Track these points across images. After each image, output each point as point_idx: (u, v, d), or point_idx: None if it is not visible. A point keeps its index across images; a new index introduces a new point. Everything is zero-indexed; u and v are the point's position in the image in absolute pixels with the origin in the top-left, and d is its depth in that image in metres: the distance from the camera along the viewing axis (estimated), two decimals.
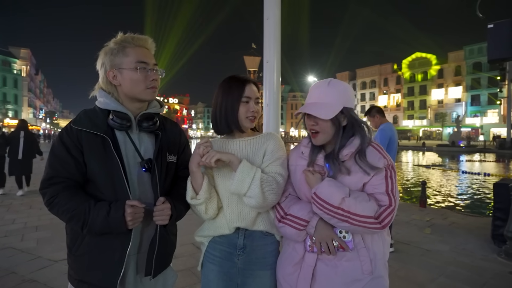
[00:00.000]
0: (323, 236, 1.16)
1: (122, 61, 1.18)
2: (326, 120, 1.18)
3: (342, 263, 1.16)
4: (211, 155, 1.17)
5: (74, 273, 1.20)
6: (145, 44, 1.24)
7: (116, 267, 1.15)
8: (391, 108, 60.95)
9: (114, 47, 1.19)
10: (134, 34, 1.22)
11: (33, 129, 50.47)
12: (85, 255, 1.17)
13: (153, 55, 1.27)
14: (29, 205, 5.90)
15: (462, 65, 50.21)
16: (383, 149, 1.21)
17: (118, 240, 1.15)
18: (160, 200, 1.20)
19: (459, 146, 27.35)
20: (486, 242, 3.96)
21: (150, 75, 1.21)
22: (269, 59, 2.09)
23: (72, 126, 1.17)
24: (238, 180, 1.17)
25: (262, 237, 1.31)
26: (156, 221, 1.20)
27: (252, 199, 1.17)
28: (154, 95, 1.25)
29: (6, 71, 49.89)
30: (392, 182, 1.15)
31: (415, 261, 3.40)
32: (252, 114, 1.31)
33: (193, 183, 1.25)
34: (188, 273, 3.01)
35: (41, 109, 71.11)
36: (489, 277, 3.02)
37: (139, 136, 1.26)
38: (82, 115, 1.20)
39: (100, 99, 1.22)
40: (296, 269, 1.21)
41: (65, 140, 1.15)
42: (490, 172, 12.92)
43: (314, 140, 1.24)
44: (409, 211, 5.65)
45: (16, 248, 3.67)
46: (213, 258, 1.33)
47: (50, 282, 2.81)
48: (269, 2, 2.09)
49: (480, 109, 48.44)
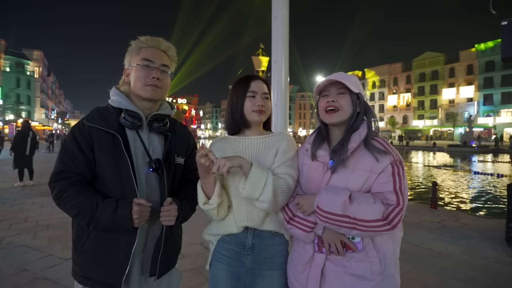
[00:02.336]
0: (332, 237, 1.14)
1: (134, 60, 1.24)
2: (347, 98, 1.19)
3: (351, 263, 1.15)
4: (222, 163, 1.11)
5: (79, 270, 1.21)
6: (158, 45, 1.26)
7: (121, 265, 1.16)
8: (401, 107, 60.18)
9: (133, 47, 1.25)
10: (150, 37, 1.26)
11: (45, 129, 51.57)
12: (91, 251, 1.18)
13: (167, 57, 1.29)
14: (41, 204, 6.01)
15: (474, 63, 49.21)
16: (389, 144, 1.19)
17: (123, 238, 1.16)
18: (167, 201, 1.21)
19: (471, 147, 26.82)
20: (500, 244, 3.86)
21: (151, 72, 1.22)
22: (277, 59, 2.07)
23: (85, 123, 1.19)
24: (251, 186, 1.15)
25: (271, 237, 1.30)
26: (163, 222, 1.20)
27: (264, 203, 1.17)
28: (153, 93, 1.23)
29: (20, 72, 51.04)
30: (400, 179, 1.11)
31: (426, 263, 3.34)
32: (258, 107, 1.29)
33: (204, 188, 1.24)
34: (196, 272, 3.01)
35: (53, 110, 72.55)
36: (503, 281, 2.94)
37: (149, 136, 1.27)
38: (95, 112, 1.22)
39: (113, 97, 1.25)
40: (306, 268, 1.21)
41: (76, 136, 1.17)
42: (503, 173, 12.62)
43: (330, 117, 1.21)
44: (420, 212, 5.55)
45: (28, 246, 3.74)
46: (221, 257, 1.32)
47: (61, 280, 2.85)
48: (277, 2, 2.08)
49: (493, 108, 47.38)
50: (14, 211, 5.44)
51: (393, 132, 57.65)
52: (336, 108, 1.20)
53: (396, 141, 43.35)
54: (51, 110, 69.43)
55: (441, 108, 53.93)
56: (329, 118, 1.21)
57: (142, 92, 1.23)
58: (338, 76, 1.20)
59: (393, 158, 1.12)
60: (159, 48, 1.27)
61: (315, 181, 1.22)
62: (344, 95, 1.21)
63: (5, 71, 48.22)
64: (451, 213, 5.77)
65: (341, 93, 1.21)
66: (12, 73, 49.37)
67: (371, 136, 1.17)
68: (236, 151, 1.31)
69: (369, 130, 1.18)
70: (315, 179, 1.22)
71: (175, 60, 1.34)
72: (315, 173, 1.23)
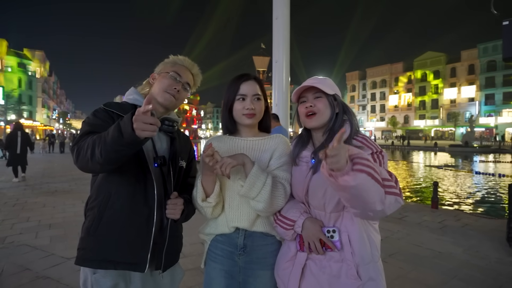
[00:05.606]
0: (310, 236, 1.16)
1: (166, 69, 1.35)
2: (324, 101, 1.23)
3: (330, 263, 1.16)
4: (226, 163, 1.12)
5: (95, 255, 1.17)
6: (190, 67, 1.40)
7: (144, 242, 1.19)
8: (402, 107, 60.06)
9: (169, 60, 1.38)
10: (187, 58, 1.41)
11: (47, 129, 51.66)
12: (108, 232, 1.18)
13: (193, 80, 1.42)
14: (43, 203, 6.03)
15: (476, 63, 49.06)
16: (370, 139, 1.19)
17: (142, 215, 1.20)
18: (174, 194, 1.25)
19: (472, 147, 26.74)
20: (501, 244, 3.86)
21: (175, 84, 1.31)
22: (278, 58, 2.08)
23: (105, 108, 1.25)
24: (249, 184, 1.16)
25: (263, 238, 1.31)
26: (168, 214, 1.24)
27: (260, 203, 1.18)
28: (169, 101, 1.31)
29: (21, 72, 51.17)
30: (383, 166, 1.10)
31: (427, 263, 3.33)
32: (248, 111, 1.29)
33: (205, 185, 1.26)
34: (197, 272, 3.02)
35: (55, 110, 72.64)
36: (504, 281, 2.94)
37: (158, 135, 1.34)
38: (112, 102, 1.30)
39: (129, 96, 1.36)
40: (288, 265, 1.23)
41: (98, 116, 1.22)
42: (505, 173, 12.59)
43: (309, 122, 1.25)
44: (421, 212, 5.55)
45: (31, 245, 3.76)
46: (215, 256, 1.34)
47: (63, 279, 2.86)
48: (278, 2, 2.08)
49: (494, 108, 47.23)
50: (16, 211, 5.46)
51: (394, 132, 57.55)
52: (315, 112, 1.23)
53: (397, 142, 43.25)
54: (52, 110, 69.55)
55: (442, 108, 53.81)
56: (309, 122, 1.26)
57: (160, 96, 1.30)
58: (312, 81, 1.25)
59: (371, 151, 1.14)
60: (190, 71, 1.40)
61: (298, 180, 1.26)
62: (320, 98, 1.24)
63: (7, 71, 48.33)
64: (452, 213, 5.76)
65: (317, 97, 1.25)
66: (14, 73, 49.49)
67: (354, 134, 1.20)
68: (231, 151, 1.32)
69: (352, 129, 1.21)
70: (298, 179, 1.26)
71: (197, 85, 1.48)
72: (298, 173, 1.26)
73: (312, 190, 1.20)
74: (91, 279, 1.19)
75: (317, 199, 1.19)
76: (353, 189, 0.93)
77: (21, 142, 8.71)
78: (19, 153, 8.71)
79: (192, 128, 70.96)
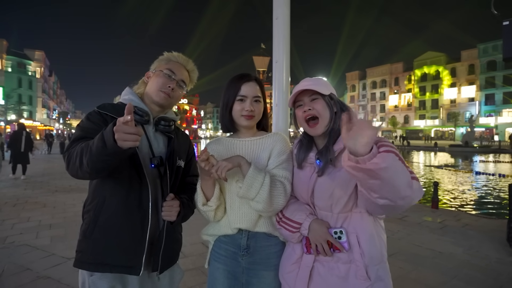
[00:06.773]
0: (317, 237, 1.14)
1: (160, 67, 1.34)
2: (321, 102, 1.20)
3: (338, 265, 1.14)
4: (221, 166, 1.12)
5: (92, 258, 1.18)
6: (185, 64, 1.38)
7: (139, 246, 1.19)
8: (402, 107, 60.05)
9: (164, 57, 1.36)
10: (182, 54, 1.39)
11: (47, 129, 51.67)
12: (104, 235, 1.18)
13: (188, 76, 1.40)
14: (43, 203, 6.04)
15: (476, 63, 49.04)
16: None
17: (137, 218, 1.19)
18: (170, 196, 1.24)
19: (472, 147, 26.72)
20: (501, 244, 3.86)
21: (170, 82, 1.30)
22: (278, 59, 2.08)
23: (99, 110, 1.24)
24: (247, 185, 1.15)
25: (266, 238, 1.31)
26: (164, 216, 1.23)
27: (259, 204, 1.17)
28: (164, 100, 1.31)
29: (22, 73, 51.12)
30: None
31: (427, 263, 3.33)
32: (247, 112, 1.29)
33: (204, 190, 1.26)
34: (197, 272, 3.03)
35: (55, 110, 72.64)
36: (505, 281, 2.94)
37: (155, 135, 1.32)
38: (106, 104, 1.29)
39: (125, 96, 1.34)
40: (293, 268, 1.21)
41: (92, 119, 1.22)
42: (505, 173, 12.59)
43: (314, 130, 1.21)
44: (421, 212, 5.55)
45: (31, 245, 3.77)
46: (218, 256, 1.34)
47: (64, 279, 2.87)
48: (278, 2, 2.08)
49: (494, 108, 47.21)
50: (17, 211, 5.47)
51: (394, 132, 57.51)
52: (315, 116, 1.20)
53: (397, 142, 43.23)
54: (52, 110, 69.53)
55: (442, 108, 53.79)
56: (313, 131, 1.22)
57: (154, 95, 1.31)
58: (305, 84, 1.21)
59: None
60: (185, 67, 1.38)
61: (302, 181, 1.23)
62: (317, 100, 1.21)
63: (7, 71, 48.32)
64: (452, 213, 5.77)
65: (314, 99, 1.21)
66: (14, 73, 49.48)
67: None
68: (230, 153, 1.32)
69: None
70: (302, 180, 1.23)
71: (194, 82, 1.46)
72: (303, 174, 1.24)
73: (318, 191, 1.17)
74: (88, 281, 1.20)
75: (323, 200, 1.16)
76: (384, 171, 0.86)
77: (25, 141, 9.23)
78: (22, 152, 9.16)
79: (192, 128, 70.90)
